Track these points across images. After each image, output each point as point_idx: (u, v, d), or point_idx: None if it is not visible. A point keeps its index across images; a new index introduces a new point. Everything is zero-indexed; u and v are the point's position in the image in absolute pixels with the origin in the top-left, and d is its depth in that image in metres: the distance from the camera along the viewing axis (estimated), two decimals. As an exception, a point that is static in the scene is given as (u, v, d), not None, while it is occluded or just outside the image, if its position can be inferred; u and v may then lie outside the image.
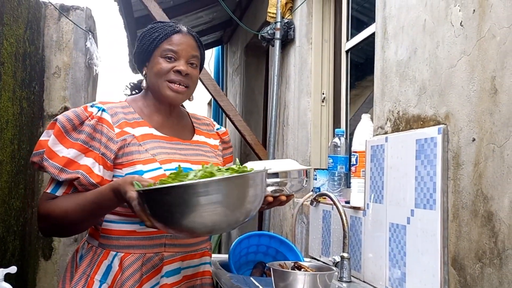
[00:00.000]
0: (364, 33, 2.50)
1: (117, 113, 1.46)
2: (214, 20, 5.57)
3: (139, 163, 1.40)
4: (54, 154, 1.37)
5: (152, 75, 1.48)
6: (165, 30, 1.49)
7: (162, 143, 1.47)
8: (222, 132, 1.70)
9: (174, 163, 1.42)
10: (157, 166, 1.40)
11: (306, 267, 1.59)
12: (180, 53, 1.47)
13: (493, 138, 1.23)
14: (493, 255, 1.22)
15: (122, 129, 1.43)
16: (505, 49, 1.20)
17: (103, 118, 1.42)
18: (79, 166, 1.37)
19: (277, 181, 1.38)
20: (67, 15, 3.79)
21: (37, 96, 3.62)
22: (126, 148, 1.41)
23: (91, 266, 1.42)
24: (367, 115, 2.05)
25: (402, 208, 1.62)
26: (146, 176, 1.37)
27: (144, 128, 1.47)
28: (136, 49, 1.55)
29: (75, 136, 1.39)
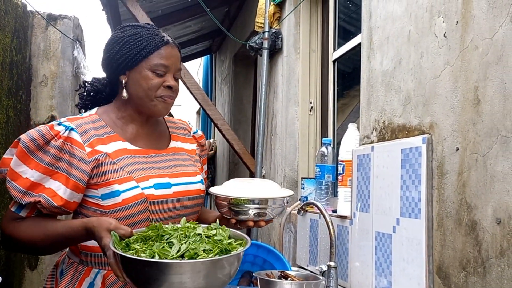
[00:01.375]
0: (350, 43, 2.52)
1: (86, 130, 1.38)
2: (203, 29, 5.58)
3: (115, 182, 1.34)
4: (17, 175, 1.31)
5: (139, 87, 1.40)
6: (154, 41, 1.40)
7: (137, 158, 1.41)
8: (198, 136, 1.64)
9: (151, 180, 1.38)
10: (134, 185, 1.35)
11: (293, 276, 1.59)
12: (170, 67, 1.41)
13: (476, 147, 1.25)
14: (477, 264, 1.23)
15: (93, 147, 1.36)
16: (487, 60, 1.22)
17: (71, 138, 1.35)
18: (44, 189, 1.31)
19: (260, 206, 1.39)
20: (55, 24, 3.78)
21: (24, 105, 3.59)
22: (100, 167, 1.35)
23: (72, 283, 1.37)
24: (353, 125, 2.07)
25: (388, 217, 1.63)
26: (123, 195, 1.33)
27: (117, 143, 1.40)
28: (114, 54, 1.42)
29: (40, 156, 1.32)
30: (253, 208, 1.38)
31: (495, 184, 1.17)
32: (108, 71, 1.47)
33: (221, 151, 5.76)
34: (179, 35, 5.59)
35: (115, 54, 1.42)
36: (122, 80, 1.42)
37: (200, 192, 1.49)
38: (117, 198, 1.34)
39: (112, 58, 1.43)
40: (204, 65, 6.98)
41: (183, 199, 1.44)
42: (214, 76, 6.54)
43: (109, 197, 1.34)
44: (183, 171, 1.47)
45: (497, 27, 1.19)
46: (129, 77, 1.41)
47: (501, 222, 1.15)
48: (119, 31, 1.45)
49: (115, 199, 1.34)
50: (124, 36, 1.42)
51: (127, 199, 1.34)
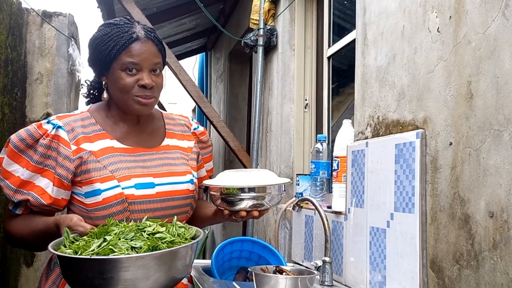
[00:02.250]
0: (345, 40, 2.53)
1: (74, 128, 1.39)
2: (198, 26, 5.58)
3: (97, 181, 1.35)
4: (9, 174, 1.36)
5: (115, 89, 1.39)
6: (122, 39, 1.36)
7: (122, 156, 1.41)
8: (199, 132, 1.62)
9: (133, 179, 1.38)
10: (115, 184, 1.36)
11: (288, 271, 1.60)
12: (142, 64, 1.36)
13: (469, 142, 1.26)
14: (470, 257, 1.24)
15: (78, 145, 1.37)
16: (480, 55, 1.23)
17: (58, 136, 1.37)
18: (34, 187, 1.35)
19: (255, 195, 1.36)
20: (50, 21, 3.77)
21: (19, 102, 3.58)
22: (84, 165, 1.36)
23: (60, 276, 1.39)
24: (348, 121, 2.07)
25: (382, 212, 1.64)
26: (104, 194, 1.34)
27: (105, 141, 1.40)
28: (91, 57, 1.43)
29: (30, 154, 1.36)
30: (246, 197, 1.35)
31: (488, 178, 1.18)
32: (93, 72, 1.49)
33: (216, 148, 5.76)
34: (174, 32, 5.58)
35: (91, 57, 1.43)
36: (103, 82, 1.43)
37: (188, 192, 1.48)
38: (98, 196, 1.35)
39: (90, 60, 1.44)
40: (200, 62, 6.98)
41: (168, 199, 1.42)
42: (210, 73, 6.54)
43: (91, 195, 1.36)
44: (171, 171, 1.46)
45: (489, 22, 1.20)
46: (107, 78, 1.41)
47: (493, 216, 1.16)
48: (95, 32, 1.44)
49: (96, 198, 1.35)
50: (97, 37, 1.41)
51: (107, 198, 1.35)
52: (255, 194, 1.35)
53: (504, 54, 1.15)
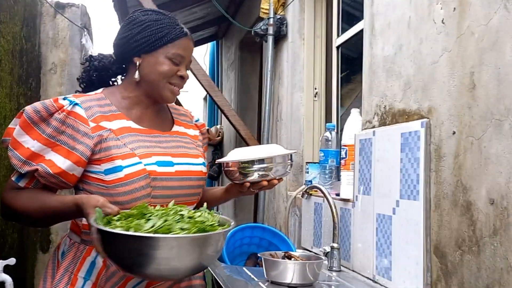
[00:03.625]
0: (354, 29, 2.55)
1: (91, 106, 1.41)
2: (209, 15, 5.60)
3: (118, 158, 1.37)
4: (19, 145, 1.35)
5: (153, 72, 1.44)
6: (175, 30, 1.45)
7: (140, 136, 1.44)
8: (200, 124, 1.69)
9: (154, 157, 1.41)
10: (137, 160, 1.38)
11: (296, 256, 1.65)
12: (185, 58, 1.47)
13: (472, 131, 1.29)
14: (472, 243, 1.28)
15: (97, 123, 1.39)
16: (482, 46, 1.26)
17: (75, 112, 1.37)
18: (44, 160, 1.35)
19: (263, 166, 1.43)
20: (63, 12, 3.83)
21: (34, 92, 3.66)
22: (104, 143, 1.37)
23: (74, 262, 1.39)
24: (356, 110, 2.11)
25: (388, 199, 1.68)
26: (126, 170, 1.36)
27: (122, 121, 1.43)
28: (134, 36, 1.45)
29: (43, 127, 1.35)
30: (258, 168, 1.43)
31: (489, 166, 1.22)
32: (122, 50, 1.48)
33: (228, 136, 5.81)
34: (185, 21, 5.61)
35: (135, 35, 1.44)
36: (136, 62, 1.45)
37: (202, 174, 1.52)
38: (119, 173, 1.36)
39: (130, 38, 1.45)
40: (211, 51, 7.00)
41: (185, 178, 1.47)
42: (221, 62, 6.56)
43: (111, 172, 1.36)
44: (186, 152, 1.51)
45: (492, 13, 1.22)
46: (143, 59, 1.44)
47: (494, 203, 1.20)
48: (141, 13, 1.48)
49: (118, 174, 1.36)
50: (146, 19, 1.45)
51: (129, 174, 1.36)
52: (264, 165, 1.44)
53: (506, 46, 1.17)
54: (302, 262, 1.57)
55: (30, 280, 3.64)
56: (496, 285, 1.18)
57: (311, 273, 1.55)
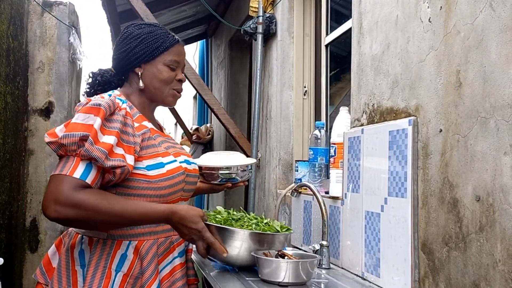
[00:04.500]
0: (342, 28, 2.56)
1: (131, 106, 1.55)
2: (198, 13, 5.59)
3: (159, 155, 1.51)
4: (97, 138, 1.34)
5: (155, 80, 1.58)
6: (168, 39, 1.59)
7: (163, 137, 1.60)
8: None
9: (182, 156, 1.61)
10: (173, 158, 1.54)
11: (290, 255, 1.64)
12: (180, 63, 1.62)
13: (458, 129, 1.30)
14: (458, 239, 1.29)
15: (140, 123, 1.52)
16: (468, 44, 1.27)
17: (127, 111, 1.49)
18: (117, 154, 1.37)
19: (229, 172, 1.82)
20: (50, 10, 3.80)
21: (22, 91, 3.63)
22: (145, 141, 1.50)
23: (104, 258, 1.43)
24: (345, 108, 2.12)
25: (376, 196, 1.69)
26: (167, 167, 1.50)
27: (148, 123, 1.57)
28: (132, 49, 1.57)
29: (109, 124, 1.40)
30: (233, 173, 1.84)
31: (475, 163, 1.23)
32: (123, 63, 1.60)
33: (217, 135, 5.81)
34: (174, 19, 5.59)
35: (133, 48, 1.57)
36: (138, 72, 1.59)
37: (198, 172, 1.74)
38: (162, 169, 1.49)
39: (130, 52, 1.58)
40: (200, 49, 6.99)
41: (197, 175, 1.70)
42: (210, 60, 6.55)
43: (154, 168, 1.48)
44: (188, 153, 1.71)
45: (477, 12, 1.23)
46: (144, 69, 1.59)
47: (480, 200, 1.21)
48: (135, 28, 1.61)
49: (160, 170, 1.48)
50: (141, 33, 1.59)
51: (171, 170, 1.50)
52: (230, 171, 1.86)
53: (491, 44, 1.19)
54: (295, 261, 1.57)
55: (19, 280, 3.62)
56: (482, 281, 1.20)
57: (304, 272, 1.55)
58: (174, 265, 1.55)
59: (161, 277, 1.50)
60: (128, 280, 1.43)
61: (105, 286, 1.41)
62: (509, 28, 1.13)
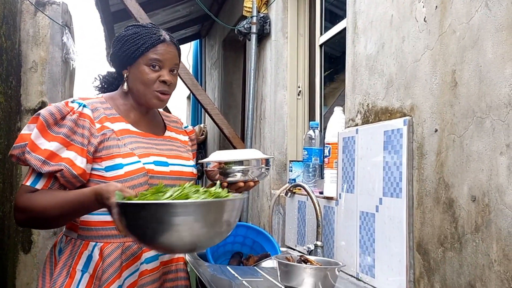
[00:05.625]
0: (337, 28, 2.56)
1: (97, 108, 1.52)
2: (192, 14, 5.57)
3: (119, 156, 1.46)
4: (36, 147, 1.41)
5: (137, 82, 1.54)
6: (151, 39, 1.53)
7: (138, 138, 1.54)
8: (189, 131, 1.79)
9: (152, 157, 1.51)
10: (136, 159, 1.47)
11: (312, 261, 1.60)
12: (164, 62, 1.54)
13: (454, 128, 1.30)
14: (454, 240, 1.29)
15: (102, 124, 1.49)
16: (464, 44, 1.27)
17: (84, 113, 1.48)
18: (62, 159, 1.42)
19: (242, 168, 1.51)
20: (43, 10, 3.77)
21: (14, 90, 3.60)
22: (106, 142, 1.47)
23: (71, 258, 1.47)
24: (339, 108, 2.11)
25: (371, 197, 1.68)
26: (126, 168, 1.45)
27: (121, 124, 1.54)
28: (117, 52, 1.57)
29: (57, 130, 1.44)
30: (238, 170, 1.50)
31: (471, 163, 1.23)
32: (114, 66, 1.62)
33: (211, 135, 5.79)
34: (168, 19, 5.57)
35: (118, 51, 1.57)
36: (124, 74, 1.57)
37: (193, 175, 1.63)
38: (119, 170, 1.45)
39: (115, 55, 1.59)
40: (194, 50, 6.97)
41: (178, 178, 1.56)
42: (204, 61, 6.53)
43: (112, 169, 1.46)
44: (179, 155, 1.62)
45: (473, 12, 1.23)
46: (129, 71, 1.56)
47: (475, 200, 1.21)
48: (123, 30, 1.61)
49: (118, 171, 1.45)
50: (126, 34, 1.57)
51: (129, 172, 1.45)
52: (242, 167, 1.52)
53: (487, 44, 1.18)
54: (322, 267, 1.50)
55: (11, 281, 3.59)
56: (478, 281, 1.19)
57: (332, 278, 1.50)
58: (141, 271, 1.48)
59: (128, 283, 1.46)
60: (94, 282, 1.43)
61: (68, 285, 1.43)
62: (505, 28, 1.13)
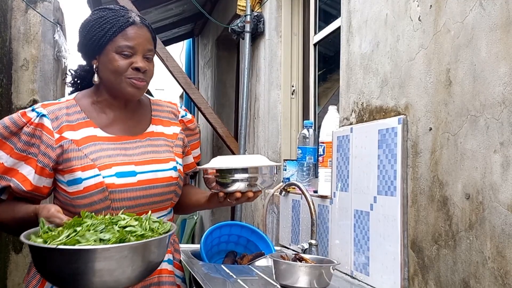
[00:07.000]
0: (331, 27, 2.56)
1: (58, 116, 1.40)
2: (185, 12, 5.56)
3: (78, 169, 1.36)
4: None
5: (108, 71, 1.41)
6: (118, 22, 1.39)
7: (105, 145, 1.42)
8: (187, 120, 1.64)
9: (114, 168, 1.38)
10: (96, 172, 1.36)
11: (307, 259, 1.60)
12: (136, 48, 1.39)
13: (448, 127, 1.31)
14: (448, 237, 1.29)
15: (61, 134, 1.39)
16: (458, 43, 1.28)
17: (42, 124, 1.38)
18: (16, 173, 1.37)
19: (248, 176, 1.39)
20: (35, 7, 3.74)
21: (5, 89, 3.57)
22: (65, 154, 1.38)
23: None
24: (334, 107, 2.11)
25: (366, 195, 1.69)
26: (85, 183, 1.36)
27: (88, 130, 1.42)
28: (83, 40, 1.43)
29: (14, 142, 1.37)
30: (240, 179, 1.38)
31: (465, 161, 1.24)
32: (82, 56, 1.49)
33: (204, 135, 5.78)
34: (160, 18, 5.56)
35: (83, 39, 1.44)
36: (94, 65, 1.44)
37: (171, 180, 1.49)
38: (79, 185, 1.37)
39: (81, 44, 1.45)
40: (187, 48, 6.95)
41: (150, 187, 1.44)
42: (197, 59, 6.52)
43: (72, 183, 1.38)
44: (154, 158, 1.47)
45: (467, 11, 1.24)
46: (99, 61, 1.43)
47: (469, 197, 1.21)
48: (88, 16, 1.46)
49: (78, 186, 1.37)
50: (90, 20, 1.43)
51: (88, 187, 1.36)
52: (248, 175, 1.38)
53: (481, 43, 1.19)
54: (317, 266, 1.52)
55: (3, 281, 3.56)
56: (472, 278, 1.20)
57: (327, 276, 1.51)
58: None
59: None
60: None
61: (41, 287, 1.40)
62: (499, 27, 1.14)
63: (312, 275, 1.48)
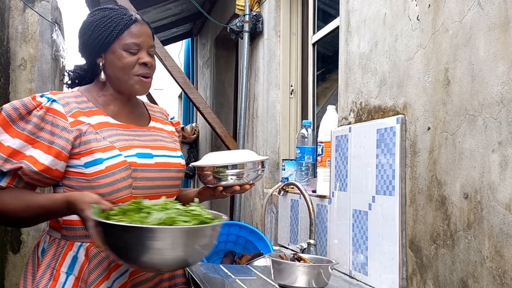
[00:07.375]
0: (330, 26, 2.56)
1: (69, 102, 1.42)
2: (183, 12, 5.55)
3: (98, 151, 1.38)
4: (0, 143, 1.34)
5: (116, 68, 1.45)
6: (123, 20, 1.45)
7: (119, 130, 1.46)
8: (175, 122, 1.70)
9: (133, 149, 1.43)
10: (117, 153, 1.39)
11: (306, 259, 1.60)
12: (142, 44, 1.46)
13: (446, 126, 1.30)
14: (446, 237, 1.29)
15: (76, 118, 1.40)
16: (457, 42, 1.27)
17: (53, 109, 1.38)
18: (25, 156, 1.34)
19: (236, 171, 1.46)
20: (32, 6, 3.74)
21: (3, 88, 3.56)
22: (83, 137, 1.39)
23: (55, 258, 1.39)
24: (332, 107, 2.11)
25: (364, 195, 1.69)
26: (106, 163, 1.37)
27: (100, 117, 1.45)
28: (87, 40, 1.47)
29: (22, 126, 1.35)
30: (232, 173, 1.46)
31: (463, 161, 1.24)
32: (85, 56, 1.51)
33: (203, 134, 5.78)
34: (159, 17, 5.55)
35: (88, 39, 1.46)
36: (99, 63, 1.47)
37: (181, 166, 1.55)
38: (100, 165, 1.37)
39: (86, 43, 1.48)
40: (186, 48, 6.95)
41: (165, 170, 1.49)
42: (196, 59, 6.52)
43: (92, 165, 1.37)
44: (164, 145, 1.53)
45: (466, 10, 1.24)
46: (105, 59, 1.46)
47: (468, 197, 1.21)
48: (89, 16, 1.50)
49: (98, 167, 1.37)
50: (94, 20, 1.47)
51: (110, 166, 1.37)
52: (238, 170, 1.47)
53: (479, 42, 1.19)
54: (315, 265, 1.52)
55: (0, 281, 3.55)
56: (470, 278, 1.20)
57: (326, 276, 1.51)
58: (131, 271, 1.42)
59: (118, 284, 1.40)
60: (80, 285, 1.36)
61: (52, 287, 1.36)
62: (497, 26, 1.14)
63: (310, 275, 1.48)
